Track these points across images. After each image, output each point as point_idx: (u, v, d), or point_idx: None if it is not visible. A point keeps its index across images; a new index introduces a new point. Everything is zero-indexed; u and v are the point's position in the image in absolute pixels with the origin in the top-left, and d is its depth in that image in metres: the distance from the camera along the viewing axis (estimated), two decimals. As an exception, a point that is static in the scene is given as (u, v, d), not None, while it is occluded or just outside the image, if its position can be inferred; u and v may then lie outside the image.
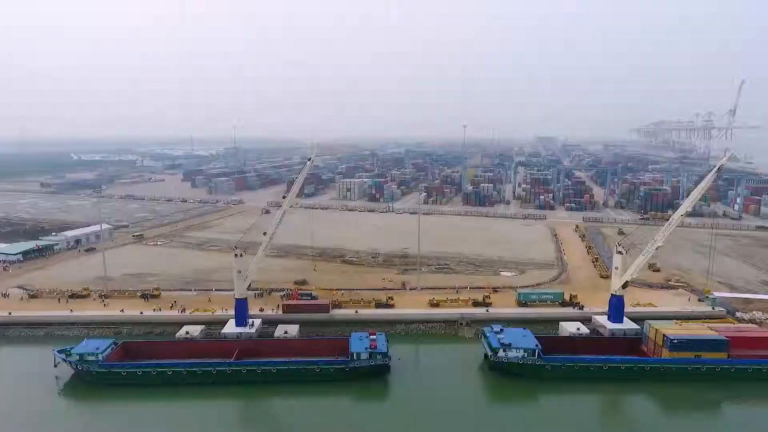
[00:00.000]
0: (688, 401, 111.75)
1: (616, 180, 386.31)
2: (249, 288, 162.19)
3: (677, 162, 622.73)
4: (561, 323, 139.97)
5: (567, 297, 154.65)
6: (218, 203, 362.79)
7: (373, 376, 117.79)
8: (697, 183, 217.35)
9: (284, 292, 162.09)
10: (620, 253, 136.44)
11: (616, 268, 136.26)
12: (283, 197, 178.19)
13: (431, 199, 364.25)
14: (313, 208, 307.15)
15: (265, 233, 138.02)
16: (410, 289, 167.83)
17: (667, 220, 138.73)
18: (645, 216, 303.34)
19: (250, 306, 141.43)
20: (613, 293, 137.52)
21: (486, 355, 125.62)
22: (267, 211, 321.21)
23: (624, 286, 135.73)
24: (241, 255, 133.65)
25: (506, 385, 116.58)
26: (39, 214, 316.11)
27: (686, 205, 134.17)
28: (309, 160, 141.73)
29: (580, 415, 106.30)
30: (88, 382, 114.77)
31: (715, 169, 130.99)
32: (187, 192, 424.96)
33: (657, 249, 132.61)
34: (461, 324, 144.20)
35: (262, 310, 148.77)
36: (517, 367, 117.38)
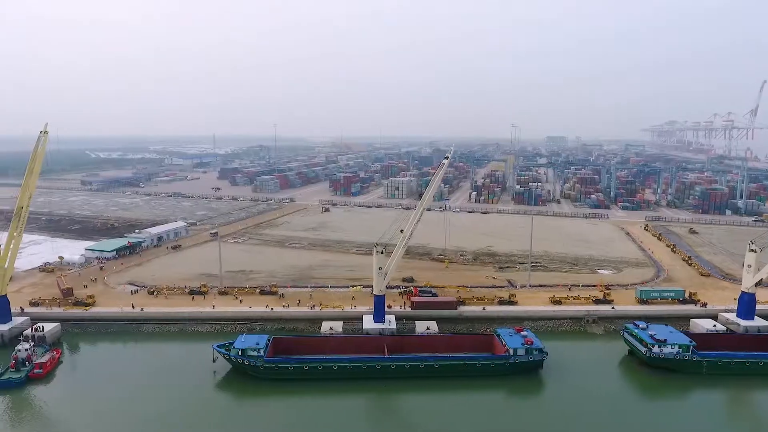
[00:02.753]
0: None
1: (661, 179, 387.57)
2: (365, 286, 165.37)
3: (715, 162, 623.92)
4: (692, 320, 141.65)
5: (686, 294, 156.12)
6: (269, 201, 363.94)
7: (528, 371, 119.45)
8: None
9: (400, 289, 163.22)
10: (753, 251, 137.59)
11: (749, 265, 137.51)
12: (419, 195, 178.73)
13: (481, 197, 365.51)
14: (445, 210, 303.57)
15: (401, 231, 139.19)
16: (520, 287, 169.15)
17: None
18: (760, 218, 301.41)
19: (369, 302, 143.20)
20: (745, 290, 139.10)
21: (630, 351, 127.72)
22: (327, 209, 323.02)
23: (757, 283, 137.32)
24: (382, 252, 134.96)
25: (663, 381, 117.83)
26: (100, 212, 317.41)
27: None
28: (446, 158, 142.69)
29: (748, 411, 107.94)
30: (253, 377, 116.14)
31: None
32: (221, 190, 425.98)
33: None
34: (588, 321, 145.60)
35: (389, 306, 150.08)
36: (674, 363, 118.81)
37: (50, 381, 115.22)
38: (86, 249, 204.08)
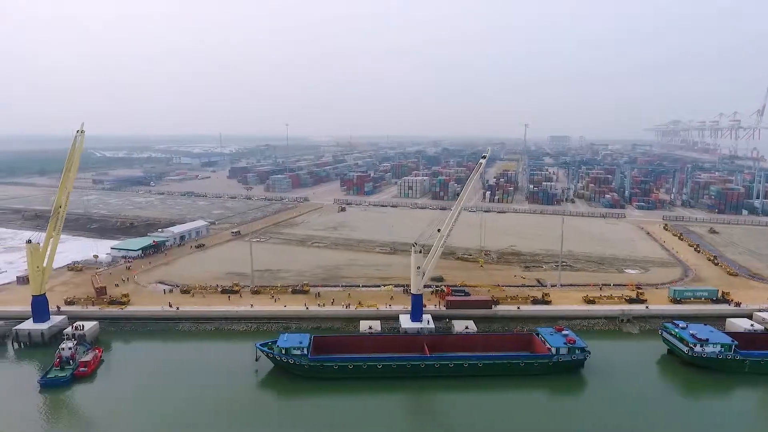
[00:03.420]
0: None
1: (676, 179, 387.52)
2: (395, 285, 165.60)
3: (727, 162, 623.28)
4: (728, 320, 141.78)
5: (719, 294, 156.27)
6: (283, 200, 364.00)
7: (570, 371, 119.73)
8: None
9: (431, 288, 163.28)
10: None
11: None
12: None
13: (495, 197, 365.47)
14: (486, 211, 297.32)
15: (439, 230, 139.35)
16: (551, 286, 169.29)
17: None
18: None
19: (401, 301, 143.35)
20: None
21: (669, 351, 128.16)
22: (343, 209, 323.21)
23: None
24: (420, 251, 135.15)
25: (705, 380, 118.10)
26: (116, 211, 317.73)
27: None
28: (483, 157, 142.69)
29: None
30: (295, 375, 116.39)
31: None
32: (233, 189, 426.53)
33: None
34: (623, 320, 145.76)
35: (424, 306, 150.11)
36: (716, 363, 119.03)
37: (95, 379, 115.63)
38: (112, 248, 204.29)
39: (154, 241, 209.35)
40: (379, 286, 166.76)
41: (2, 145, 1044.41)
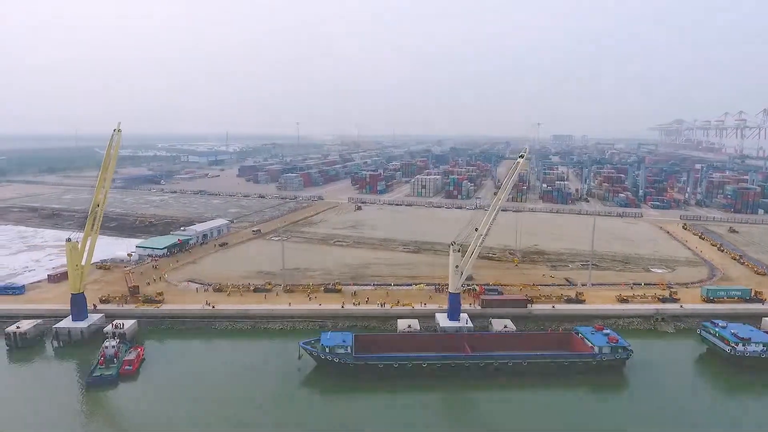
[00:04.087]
0: None
1: (690, 178, 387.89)
2: (427, 284, 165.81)
3: (737, 161, 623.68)
4: (765, 319, 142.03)
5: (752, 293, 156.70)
6: (297, 199, 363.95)
7: (613, 369, 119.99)
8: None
9: (464, 287, 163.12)
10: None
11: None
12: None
13: (510, 196, 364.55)
14: (517, 211, 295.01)
15: (476, 229, 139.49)
16: (581, 285, 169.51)
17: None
18: None
19: (435, 300, 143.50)
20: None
21: (708, 349, 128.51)
22: (359, 207, 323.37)
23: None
24: (458, 250, 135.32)
25: (748, 379, 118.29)
26: (132, 209, 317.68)
27: None
28: (521, 156, 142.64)
29: None
30: (338, 374, 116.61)
31: None
32: (244, 187, 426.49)
33: None
34: (658, 319, 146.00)
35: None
36: (759, 362, 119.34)
37: (139, 378, 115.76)
38: (137, 246, 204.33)
39: (179, 240, 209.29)
40: (410, 285, 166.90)
41: (3, 143, 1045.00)
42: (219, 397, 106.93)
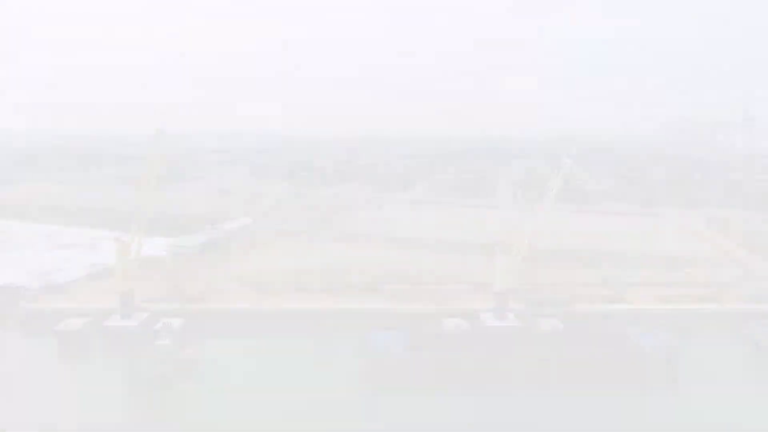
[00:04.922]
0: None
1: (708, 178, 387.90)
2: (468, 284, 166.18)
3: (748, 160, 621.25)
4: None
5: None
6: (319, 197, 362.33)
7: (664, 370, 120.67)
8: None
9: (509, 287, 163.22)
10: None
11: None
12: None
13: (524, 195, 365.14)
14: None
15: (522, 230, 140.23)
16: (622, 284, 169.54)
17: None
18: None
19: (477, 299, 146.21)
20: None
21: (758, 349, 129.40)
22: (380, 206, 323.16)
23: None
24: (504, 250, 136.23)
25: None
26: (156, 206, 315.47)
27: None
28: (568, 158, 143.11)
29: None
30: (398, 373, 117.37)
31: None
32: (263, 184, 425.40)
33: None
34: (702, 318, 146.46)
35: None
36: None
37: (195, 377, 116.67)
38: (170, 244, 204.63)
39: (211, 237, 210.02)
40: (450, 284, 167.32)
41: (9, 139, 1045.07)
42: (280, 398, 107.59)
